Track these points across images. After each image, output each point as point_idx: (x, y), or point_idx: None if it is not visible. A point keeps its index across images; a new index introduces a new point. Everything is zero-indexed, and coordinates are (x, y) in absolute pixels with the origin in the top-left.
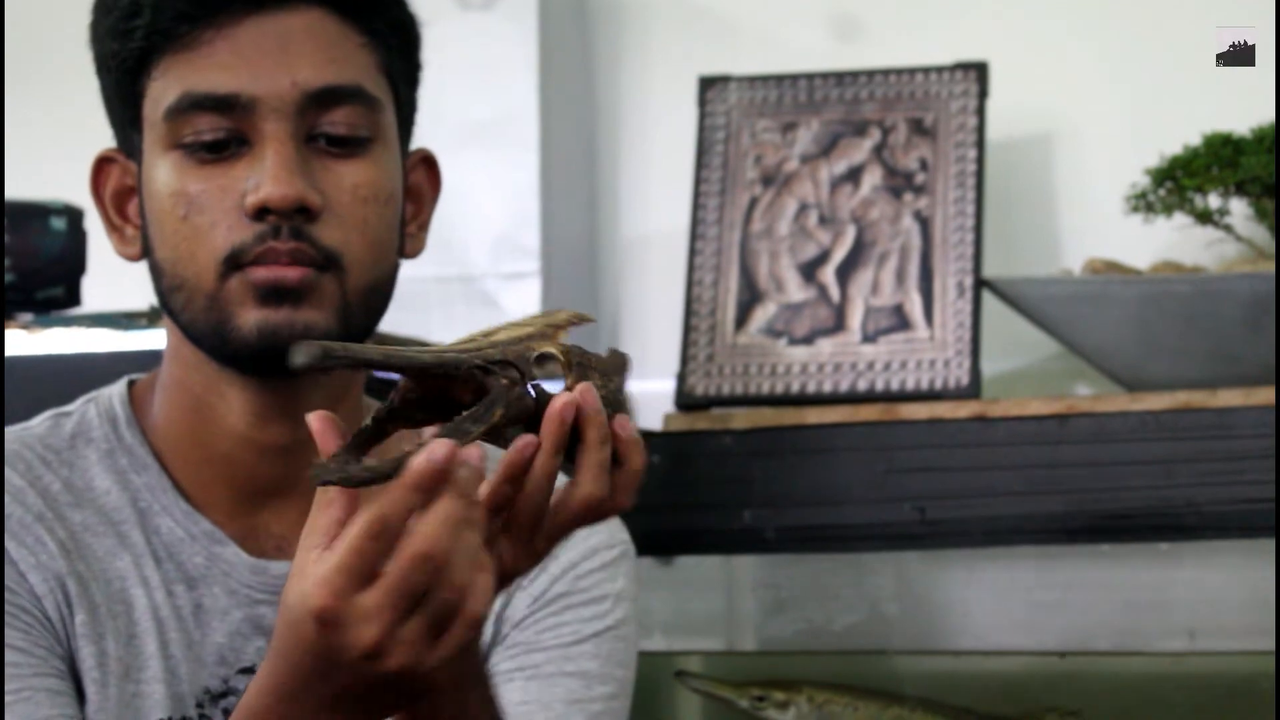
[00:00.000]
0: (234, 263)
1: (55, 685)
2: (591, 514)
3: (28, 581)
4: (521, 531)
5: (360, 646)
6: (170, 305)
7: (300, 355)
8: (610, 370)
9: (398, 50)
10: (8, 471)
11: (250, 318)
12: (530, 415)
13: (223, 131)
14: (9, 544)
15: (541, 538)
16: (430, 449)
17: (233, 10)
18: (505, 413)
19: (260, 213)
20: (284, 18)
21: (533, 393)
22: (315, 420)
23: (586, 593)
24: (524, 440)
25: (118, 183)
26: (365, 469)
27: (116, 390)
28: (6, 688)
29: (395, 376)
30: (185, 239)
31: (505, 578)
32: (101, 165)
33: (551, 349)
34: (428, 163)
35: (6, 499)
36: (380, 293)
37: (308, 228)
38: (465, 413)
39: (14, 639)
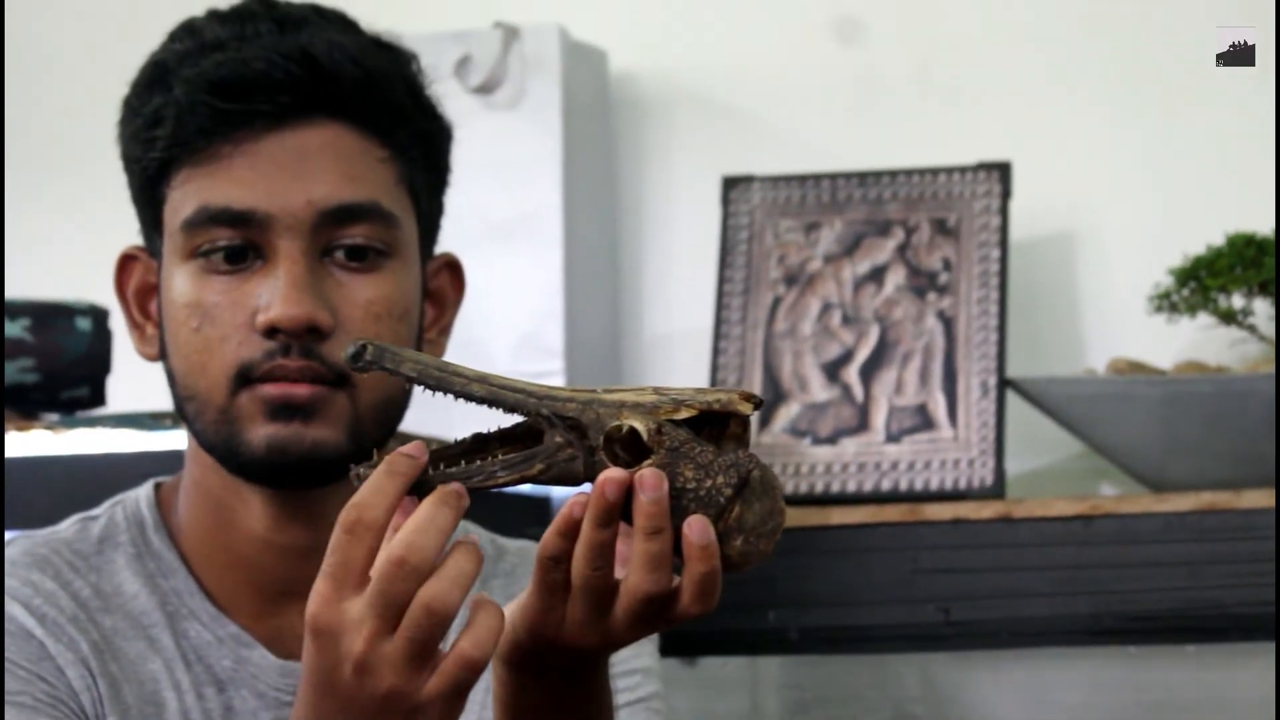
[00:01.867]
0: (244, 378)
1: None
2: (646, 606)
3: (66, 676)
4: (585, 597)
5: (353, 658)
6: (184, 413)
7: (350, 349)
8: (715, 468)
9: (421, 161)
10: (40, 575)
11: (260, 433)
12: (578, 482)
13: (239, 242)
14: (48, 640)
15: (613, 616)
16: (406, 447)
17: (253, 126)
18: (545, 470)
19: (271, 331)
20: (304, 134)
21: (597, 463)
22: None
23: (615, 666)
24: (576, 499)
25: (140, 280)
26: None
27: (143, 493)
28: None
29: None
30: (197, 350)
31: (571, 643)
32: (125, 262)
33: (639, 425)
34: (452, 267)
35: (42, 601)
36: (394, 406)
37: (318, 346)
38: (503, 456)
39: None
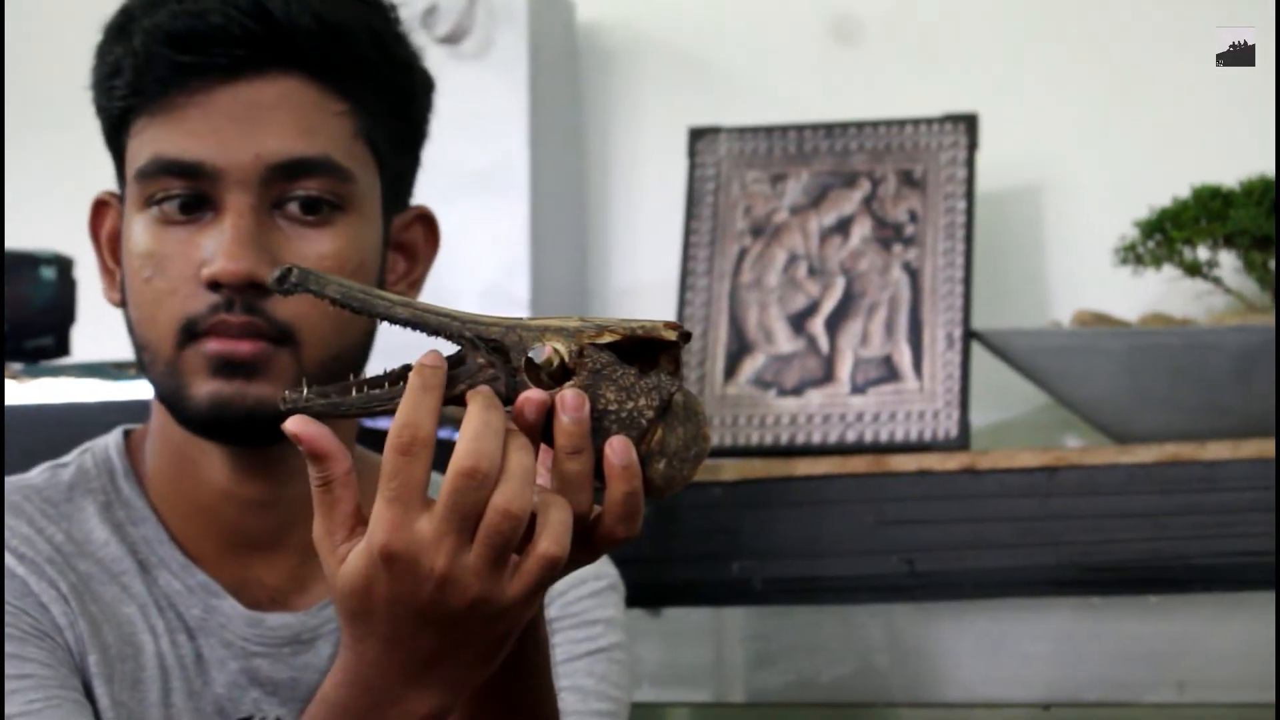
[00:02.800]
0: (190, 332)
1: (79, 699)
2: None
3: (50, 612)
4: None
5: (436, 574)
6: (140, 362)
7: (276, 272)
8: (637, 390)
9: (385, 115)
10: (15, 520)
11: (204, 389)
12: (501, 403)
13: (191, 193)
14: (30, 578)
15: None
16: (418, 360)
17: (207, 78)
18: (466, 391)
19: (214, 285)
20: (258, 87)
21: (519, 383)
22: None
23: (577, 617)
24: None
25: (113, 226)
26: (317, 401)
27: (113, 440)
28: (34, 695)
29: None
30: (149, 301)
31: None
32: (99, 207)
33: (560, 346)
34: (425, 220)
35: (19, 542)
36: (345, 364)
37: (261, 302)
38: None
39: (39, 655)
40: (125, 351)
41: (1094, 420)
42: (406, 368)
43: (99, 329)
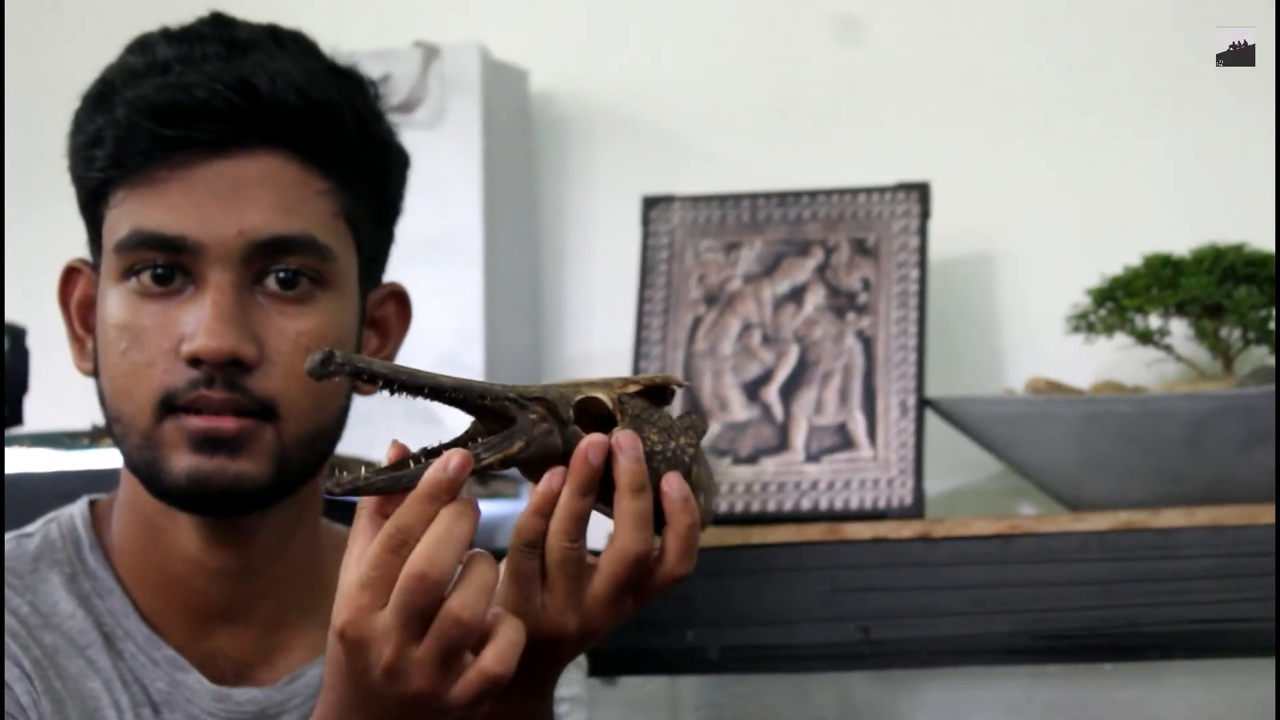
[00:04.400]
0: (168, 405)
1: None
2: (631, 569)
3: (13, 691)
4: (559, 578)
5: (382, 664)
6: (112, 433)
7: (317, 357)
8: (676, 430)
9: (364, 193)
10: None
11: (182, 463)
12: (558, 456)
13: (169, 266)
14: None
15: (589, 593)
16: (446, 457)
17: (190, 152)
18: (526, 447)
19: (195, 361)
20: (241, 163)
21: (572, 434)
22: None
23: None
24: (554, 470)
25: (83, 293)
26: (376, 479)
27: (78, 510)
28: None
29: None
30: (124, 373)
31: (550, 631)
32: (70, 274)
33: (601, 395)
34: (398, 298)
35: None
36: (323, 439)
37: (242, 378)
38: (483, 440)
39: None
40: (78, 421)
41: (1047, 488)
42: (441, 446)
43: (52, 399)
